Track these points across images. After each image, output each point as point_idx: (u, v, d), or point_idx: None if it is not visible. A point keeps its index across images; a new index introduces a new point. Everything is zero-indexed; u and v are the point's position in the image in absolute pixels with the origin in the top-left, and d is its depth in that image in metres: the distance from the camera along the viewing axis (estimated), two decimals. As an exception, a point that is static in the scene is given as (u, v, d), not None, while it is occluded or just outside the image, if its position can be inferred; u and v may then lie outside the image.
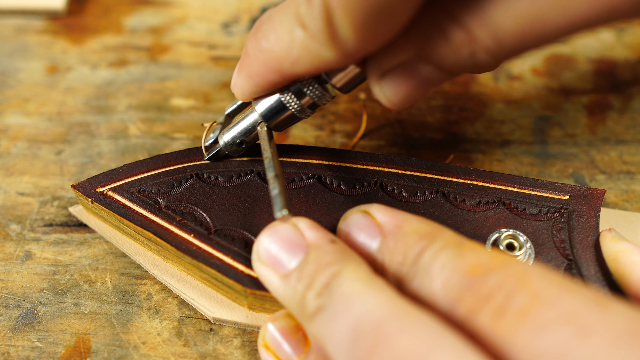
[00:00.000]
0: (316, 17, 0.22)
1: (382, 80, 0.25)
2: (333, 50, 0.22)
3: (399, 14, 0.21)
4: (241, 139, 0.30)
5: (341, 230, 0.26)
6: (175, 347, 0.30)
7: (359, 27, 0.21)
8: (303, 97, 0.28)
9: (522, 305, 0.20)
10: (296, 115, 0.29)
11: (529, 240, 0.29)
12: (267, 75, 0.26)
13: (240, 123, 0.30)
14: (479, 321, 0.20)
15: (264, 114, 0.29)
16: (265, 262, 0.25)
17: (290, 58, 0.24)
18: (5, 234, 0.34)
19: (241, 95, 0.28)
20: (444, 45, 0.23)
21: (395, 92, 0.25)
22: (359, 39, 0.22)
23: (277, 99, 0.28)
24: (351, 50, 0.22)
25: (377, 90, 0.25)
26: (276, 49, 0.24)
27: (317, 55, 0.23)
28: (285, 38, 0.24)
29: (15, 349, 0.29)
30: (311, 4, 0.22)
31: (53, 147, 0.38)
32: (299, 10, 0.22)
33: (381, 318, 0.21)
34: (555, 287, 0.20)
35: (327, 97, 0.28)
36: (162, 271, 0.31)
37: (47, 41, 0.45)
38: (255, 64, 0.26)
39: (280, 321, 0.26)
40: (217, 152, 0.31)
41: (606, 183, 0.37)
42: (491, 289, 0.21)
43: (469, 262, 0.22)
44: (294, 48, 0.23)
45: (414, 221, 0.25)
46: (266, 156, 0.28)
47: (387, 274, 0.24)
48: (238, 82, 0.28)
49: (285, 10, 0.24)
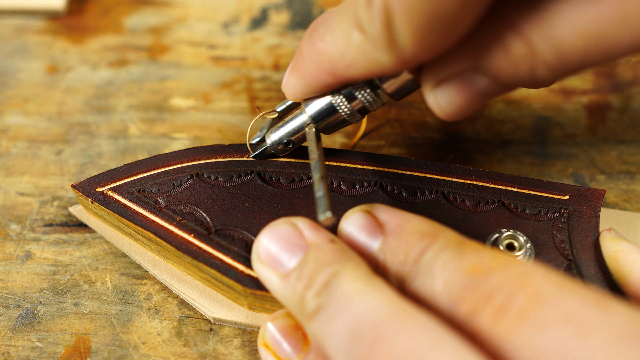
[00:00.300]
0: (375, 21, 0.21)
1: (436, 90, 0.24)
2: (390, 56, 0.22)
3: (461, 22, 0.21)
4: (288, 139, 0.30)
5: (342, 230, 0.26)
6: (175, 347, 0.30)
7: (419, 34, 0.21)
8: (354, 101, 0.27)
9: (523, 305, 0.20)
10: (346, 119, 0.28)
11: (529, 241, 0.29)
12: (320, 76, 0.26)
13: (289, 123, 0.30)
14: (479, 320, 0.21)
15: (314, 115, 0.28)
16: (265, 261, 0.25)
17: (345, 60, 0.24)
18: (5, 234, 0.34)
19: (292, 95, 0.28)
20: (502, 57, 0.22)
21: (449, 102, 0.24)
22: (417, 45, 0.21)
23: (329, 101, 0.28)
24: (408, 56, 0.22)
25: (431, 99, 0.25)
26: (331, 51, 0.24)
27: (373, 60, 0.23)
28: (342, 40, 0.23)
29: (15, 349, 0.29)
30: (371, 7, 0.21)
31: (53, 147, 0.38)
32: (358, 13, 0.22)
33: (380, 318, 0.21)
34: (555, 287, 0.20)
35: (378, 102, 0.28)
36: (162, 271, 0.31)
37: (47, 41, 0.45)
38: (309, 65, 0.26)
39: (280, 320, 0.26)
40: (263, 150, 0.31)
41: (606, 183, 0.37)
42: (492, 289, 0.21)
43: (471, 261, 0.22)
44: (350, 51, 0.23)
45: (415, 220, 0.25)
46: (313, 157, 0.27)
47: (388, 274, 0.24)
48: (290, 82, 0.27)
49: (343, 13, 0.23)
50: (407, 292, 0.23)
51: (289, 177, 0.31)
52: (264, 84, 0.42)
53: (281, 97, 0.41)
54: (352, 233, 0.26)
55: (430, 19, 0.20)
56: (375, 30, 0.22)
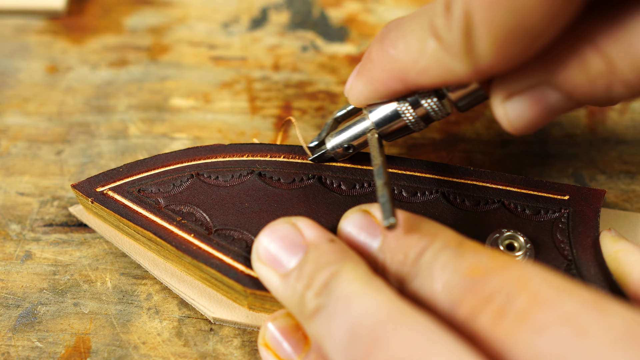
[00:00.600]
0: (454, 30, 0.21)
1: (506, 102, 0.24)
2: (466, 65, 0.22)
3: (544, 36, 0.20)
4: (349, 144, 0.30)
5: (342, 230, 0.26)
6: (175, 347, 0.30)
7: (499, 45, 0.21)
8: (419, 109, 0.27)
9: (522, 307, 0.20)
10: (409, 126, 0.28)
11: (529, 241, 0.29)
12: (389, 82, 0.25)
13: (351, 128, 0.29)
14: (479, 322, 0.21)
15: (378, 121, 0.28)
16: (265, 261, 0.25)
17: (417, 68, 0.24)
18: (5, 234, 0.34)
19: (356, 100, 0.28)
20: (579, 73, 0.22)
21: (519, 116, 0.24)
22: (496, 56, 0.21)
23: (394, 108, 0.28)
24: (485, 67, 0.22)
25: (500, 112, 0.24)
26: (403, 58, 0.24)
27: (447, 68, 0.23)
28: (415, 47, 0.23)
29: (15, 349, 0.29)
30: (450, 16, 0.21)
31: (53, 147, 0.38)
32: (435, 21, 0.22)
33: (378, 319, 0.21)
34: (554, 288, 0.20)
35: (443, 112, 0.27)
36: (162, 271, 0.31)
37: (47, 41, 0.45)
38: (379, 70, 0.25)
39: (280, 320, 0.26)
40: (323, 154, 0.31)
41: (606, 183, 0.37)
42: (492, 291, 0.21)
43: (470, 262, 0.22)
44: (424, 58, 0.23)
45: (415, 220, 0.25)
46: (376, 163, 0.27)
47: (388, 274, 0.24)
48: (356, 86, 0.27)
49: (417, 19, 0.23)
50: (406, 292, 0.23)
51: (289, 177, 0.31)
52: (264, 84, 0.42)
53: (281, 97, 0.41)
54: (351, 233, 0.26)
55: (513, 31, 0.20)
56: (453, 38, 0.21)
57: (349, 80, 0.28)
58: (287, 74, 0.43)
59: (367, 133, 0.29)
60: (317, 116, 0.40)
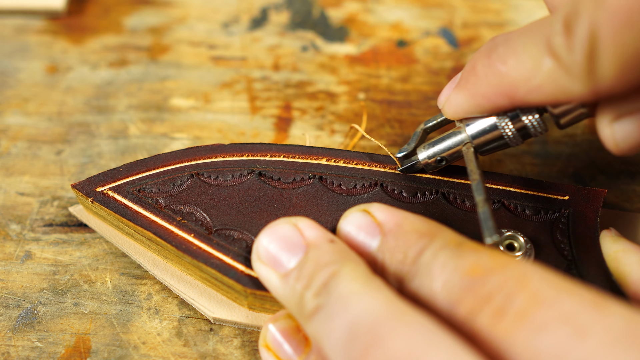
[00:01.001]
0: (576, 50, 0.21)
1: (615, 123, 0.24)
2: (584, 86, 0.21)
3: None
4: (442, 156, 0.29)
5: (341, 229, 0.26)
6: (175, 347, 0.30)
7: (625, 67, 0.20)
8: (519, 125, 0.27)
9: (522, 306, 0.20)
10: (507, 142, 0.28)
11: (529, 241, 0.29)
12: (494, 98, 0.25)
13: (446, 140, 0.29)
14: (479, 322, 0.21)
15: (474, 135, 0.28)
16: (265, 261, 0.25)
17: (529, 85, 0.23)
18: (5, 234, 0.34)
19: (454, 113, 0.27)
20: None
21: (627, 137, 0.24)
22: (618, 78, 0.21)
23: (493, 122, 0.27)
24: (604, 89, 0.21)
25: (607, 132, 0.24)
26: (514, 74, 0.23)
27: (562, 88, 0.22)
28: (528, 65, 0.23)
29: (15, 349, 0.29)
30: (572, 35, 0.21)
31: (53, 147, 0.38)
32: (553, 39, 0.22)
33: (377, 319, 0.21)
34: (554, 288, 0.20)
35: (542, 128, 0.27)
36: (162, 271, 0.31)
37: (47, 41, 0.45)
38: (484, 85, 0.25)
39: (281, 322, 0.26)
40: (414, 164, 0.31)
41: (606, 183, 0.37)
42: (491, 290, 0.21)
43: (469, 262, 0.22)
44: (537, 77, 0.23)
45: (414, 220, 0.25)
46: (474, 178, 0.27)
47: (387, 273, 0.24)
48: (456, 99, 0.27)
49: (531, 36, 0.23)
50: (405, 291, 0.23)
51: (288, 177, 0.31)
52: (264, 84, 0.42)
53: (281, 97, 0.41)
54: (350, 232, 0.26)
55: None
56: (574, 59, 0.21)
57: (445, 92, 0.27)
58: (287, 74, 0.43)
59: (462, 146, 0.28)
60: (317, 116, 0.40)
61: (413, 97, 0.41)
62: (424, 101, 0.41)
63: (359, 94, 0.42)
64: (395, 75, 0.43)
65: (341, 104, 0.41)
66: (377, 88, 0.42)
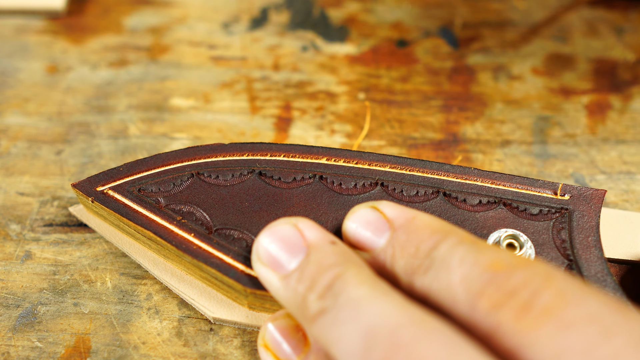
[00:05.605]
0: None
1: None
2: None
3: None
4: None
5: (348, 225, 0.26)
6: (175, 347, 0.30)
7: None
8: None
9: (548, 303, 0.20)
10: None
11: (529, 241, 0.29)
12: None
13: None
14: (500, 316, 0.20)
15: None
16: (265, 262, 0.25)
17: None
18: (5, 234, 0.34)
19: None
20: None
21: None
22: None
23: None
24: None
25: None
26: None
27: None
28: None
29: (15, 349, 0.29)
30: None
31: (53, 147, 0.38)
32: None
33: (395, 325, 0.20)
34: (579, 289, 0.20)
35: None
36: (162, 271, 0.31)
37: (47, 41, 0.45)
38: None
39: (280, 321, 0.26)
40: None
41: (606, 183, 0.37)
42: (516, 285, 0.21)
43: (490, 257, 0.22)
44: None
45: (425, 216, 0.25)
46: None
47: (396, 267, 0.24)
48: None
49: None
50: (416, 285, 0.23)
51: (289, 176, 0.31)
52: (264, 84, 0.42)
53: (281, 97, 0.41)
54: (358, 228, 0.25)
55: None
56: None
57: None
58: (287, 74, 0.43)
59: None
60: (317, 116, 0.40)
61: (413, 97, 0.41)
62: (424, 101, 0.41)
63: (359, 94, 0.42)
64: (395, 75, 0.43)
65: (341, 104, 0.41)
66: (377, 88, 0.42)
